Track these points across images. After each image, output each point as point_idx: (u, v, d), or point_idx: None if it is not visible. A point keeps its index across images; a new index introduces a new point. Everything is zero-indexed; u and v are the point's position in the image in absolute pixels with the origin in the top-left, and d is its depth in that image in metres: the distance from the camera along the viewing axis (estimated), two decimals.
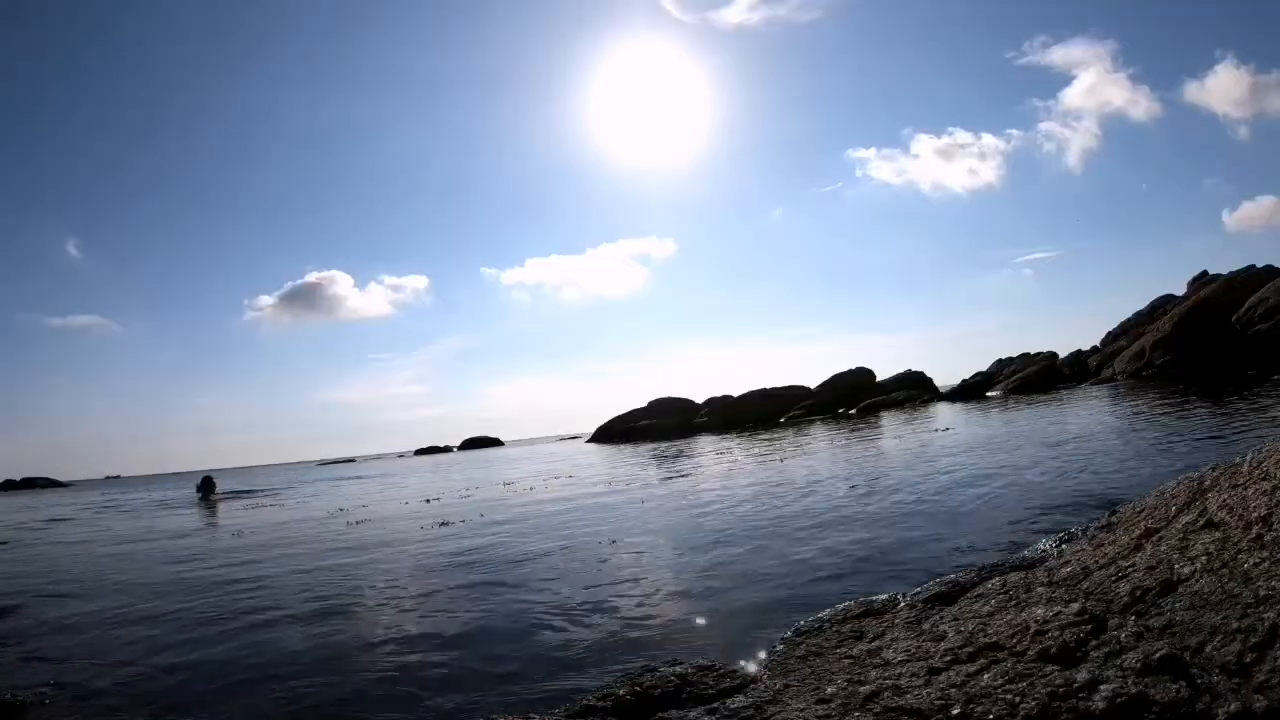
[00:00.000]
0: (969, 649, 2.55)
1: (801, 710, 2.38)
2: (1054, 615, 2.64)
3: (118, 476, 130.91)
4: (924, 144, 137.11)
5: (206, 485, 23.26)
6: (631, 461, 20.36)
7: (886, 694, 2.34)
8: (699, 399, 46.86)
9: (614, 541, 7.17)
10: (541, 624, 4.56)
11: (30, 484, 76.00)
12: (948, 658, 2.53)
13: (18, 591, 7.40)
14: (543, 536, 7.97)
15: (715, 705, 2.62)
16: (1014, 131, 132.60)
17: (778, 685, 2.72)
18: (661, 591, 5.06)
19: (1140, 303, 37.25)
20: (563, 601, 5.03)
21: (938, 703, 2.21)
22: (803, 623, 3.62)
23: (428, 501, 14.00)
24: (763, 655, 3.37)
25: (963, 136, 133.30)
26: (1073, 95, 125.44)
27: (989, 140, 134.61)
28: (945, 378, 46.31)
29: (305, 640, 4.71)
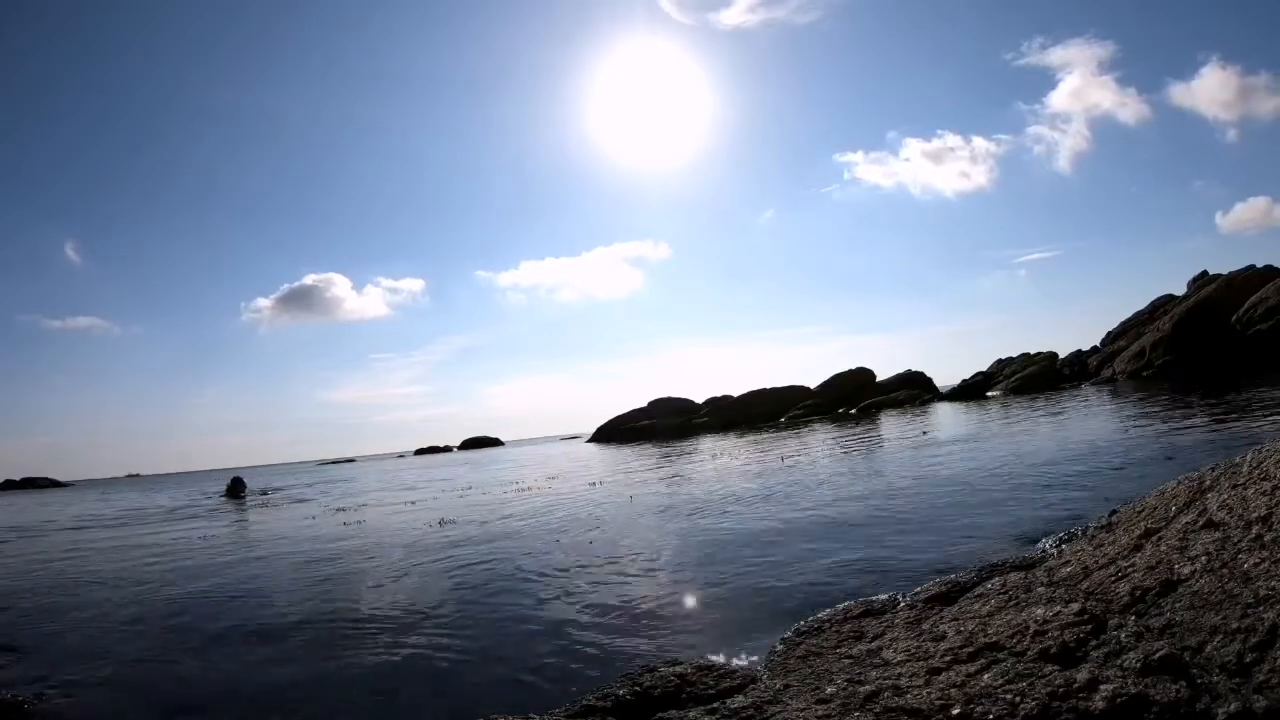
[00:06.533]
0: (969, 649, 2.55)
1: (801, 710, 2.38)
2: (1054, 615, 2.63)
3: (137, 475, 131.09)
4: (913, 147, 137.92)
5: (236, 485, 23.68)
6: (630, 462, 20.35)
7: (886, 694, 2.34)
8: (699, 399, 46.94)
9: (611, 540, 7.17)
10: (540, 622, 4.56)
11: (31, 484, 76.07)
12: (948, 658, 2.53)
13: None
14: (539, 535, 7.96)
15: (715, 705, 2.62)
16: (1003, 136, 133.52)
17: (778, 685, 2.71)
18: (660, 591, 5.06)
19: (1139, 303, 37.38)
20: (560, 600, 5.03)
21: (938, 703, 2.20)
22: (803, 623, 3.61)
23: (434, 497, 13.99)
24: (763, 655, 3.37)
25: (952, 140, 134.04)
26: (1059, 98, 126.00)
27: (979, 143, 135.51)
28: (945, 378, 46.50)
29: (305, 637, 4.71)
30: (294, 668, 4.18)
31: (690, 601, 4.73)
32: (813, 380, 45.65)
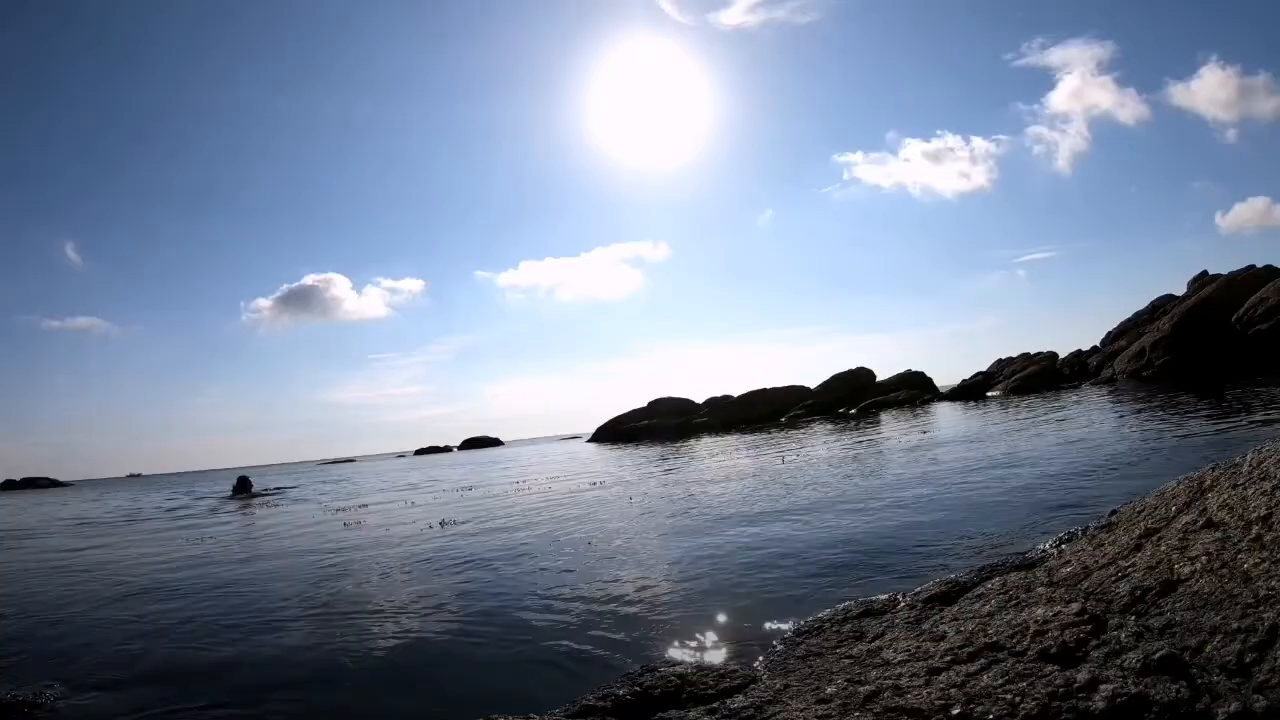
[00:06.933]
0: (969, 649, 2.55)
1: (801, 710, 2.38)
2: (1054, 615, 2.63)
3: (138, 475, 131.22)
4: (913, 148, 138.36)
5: (243, 484, 23.74)
6: (630, 462, 20.36)
7: (886, 694, 2.34)
8: (699, 399, 46.94)
9: (611, 541, 7.17)
10: (540, 622, 4.56)
11: (31, 484, 76.17)
12: (948, 658, 2.53)
13: None
14: (540, 536, 7.96)
15: (715, 705, 2.62)
16: (1003, 136, 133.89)
17: (778, 685, 2.71)
18: (660, 591, 5.06)
19: (1139, 303, 37.40)
20: (560, 600, 5.03)
21: (938, 703, 2.20)
22: (802, 622, 3.62)
23: (435, 498, 13.99)
24: (763, 655, 3.37)
25: (952, 140, 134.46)
26: (1058, 98, 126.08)
27: (979, 144, 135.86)
28: (946, 378, 46.51)
29: (307, 635, 4.71)
30: (296, 666, 4.19)
31: (690, 601, 4.73)
32: (813, 380, 45.71)
